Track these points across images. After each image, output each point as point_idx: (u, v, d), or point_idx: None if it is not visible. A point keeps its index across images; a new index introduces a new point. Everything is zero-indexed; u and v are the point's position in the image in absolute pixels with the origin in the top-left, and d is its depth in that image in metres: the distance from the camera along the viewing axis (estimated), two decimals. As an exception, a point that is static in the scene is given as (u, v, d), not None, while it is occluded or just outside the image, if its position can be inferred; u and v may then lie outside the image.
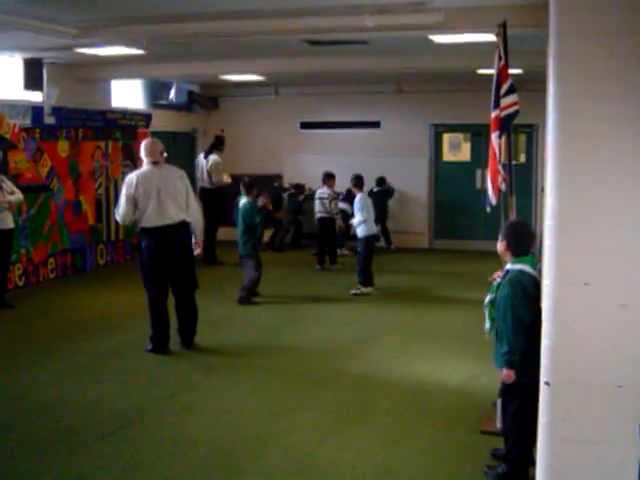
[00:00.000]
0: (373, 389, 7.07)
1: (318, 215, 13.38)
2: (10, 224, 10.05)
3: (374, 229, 11.61)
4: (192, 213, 8.16)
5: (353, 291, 11.16)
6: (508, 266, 5.03)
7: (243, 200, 10.65)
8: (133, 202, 7.90)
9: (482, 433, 5.84)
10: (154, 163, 8.04)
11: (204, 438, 5.89)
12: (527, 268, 4.95)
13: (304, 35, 8.97)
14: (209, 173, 13.82)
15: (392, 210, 15.23)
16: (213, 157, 13.89)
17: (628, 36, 3.69)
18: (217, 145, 14.11)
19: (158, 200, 7.88)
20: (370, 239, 11.39)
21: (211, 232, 13.39)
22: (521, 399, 5.02)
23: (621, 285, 3.80)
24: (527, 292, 4.86)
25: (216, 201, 13.88)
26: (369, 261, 11.33)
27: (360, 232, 11.29)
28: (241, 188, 10.78)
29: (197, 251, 8.31)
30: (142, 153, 8.15)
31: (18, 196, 10.08)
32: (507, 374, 4.92)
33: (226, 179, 13.94)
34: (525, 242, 5.06)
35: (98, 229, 13.17)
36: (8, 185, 9.99)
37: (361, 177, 11.59)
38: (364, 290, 11.16)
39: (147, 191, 7.88)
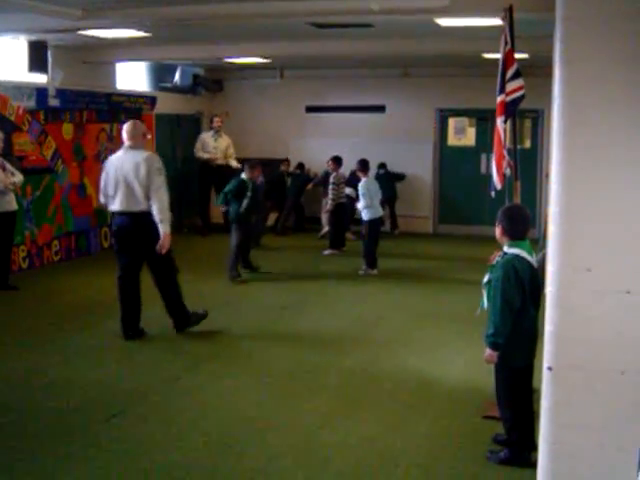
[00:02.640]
0: (376, 373, 7.08)
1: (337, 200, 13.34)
2: (14, 206, 10.08)
3: (379, 212, 11.68)
4: (154, 204, 7.71)
5: (361, 272, 11.40)
6: (505, 249, 5.04)
7: (241, 176, 11.21)
8: (104, 185, 8.02)
9: (485, 418, 5.85)
10: (130, 147, 7.93)
11: (207, 421, 5.92)
12: (523, 253, 4.96)
13: (310, 18, 8.93)
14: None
15: (398, 194, 15.17)
16: (202, 134, 15.42)
17: (636, 19, 3.67)
18: (210, 122, 15.38)
19: (120, 186, 7.80)
20: (374, 222, 11.47)
21: (203, 204, 15.19)
22: (510, 382, 5.10)
23: (624, 271, 3.79)
24: (519, 277, 4.87)
25: (207, 176, 15.03)
26: (373, 244, 11.38)
27: (365, 215, 11.37)
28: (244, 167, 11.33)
29: (163, 249, 7.73)
30: (123, 135, 8.09)
31: (19, 177, 10.08)
32: (490, 355, 4.96)
33: (201, 155, 15.03)
34: (521, 227, 5.05)
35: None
36: (9, 167, 9.99)
37: (366, 161, 11.76)
38: (370, 272, 11.35)
39: (112, 176, 7.88)
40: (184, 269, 8.51)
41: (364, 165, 11.70)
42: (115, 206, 7.92)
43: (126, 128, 8.08)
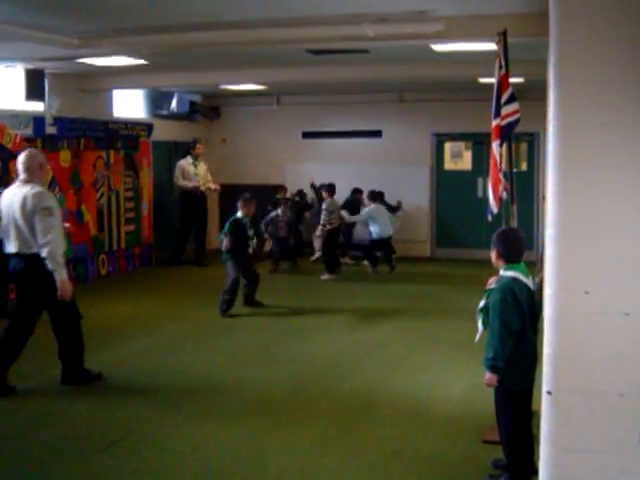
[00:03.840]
0: (375, 398, 7.04)
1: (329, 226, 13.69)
2: None
3: (385, 234, 13.91)
4: (42, 249, 6.87)
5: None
6: (501, 272, 5.04)
7: (236, 215, 10.72)
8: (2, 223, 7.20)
9: (485, 442, 5.82)
10: (24, 181, 7.05)
11: (205, 448, 5.88)
12: (519, 275, 4.97)
13: (306, 44, 8.99)
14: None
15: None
16: (180, 161, 14.70)
17: (630, 44, 3.69)
18: (188, 149, 14.81)
19: (11, 225, 7.02)
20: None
21: (183, 234, 14.79)
22: (510, 405, 5.08)
23: (622, 293, 3.79)
24: (517, 299, 4.87)
25: (192, 204, 14.55)
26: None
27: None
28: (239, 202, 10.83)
29: (64, 297, 7.07)
30: (17, 167, 7.20)
31: None
32: (490, 378, 4.94)
33: (185, 184, 14.51)
34: (516, 249, 5.05)
35: (100, 239, 13.18)
36: None
37: (375, 192, 14.09)
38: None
39: (5, 213, 7.10)
40: (184, 297, 8.49)
41: (373, 194, 13.94)
42: (10, 247, 7.08)
43: (20, 159, 7.15)
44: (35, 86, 11.19)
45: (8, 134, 10.91)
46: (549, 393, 3.96)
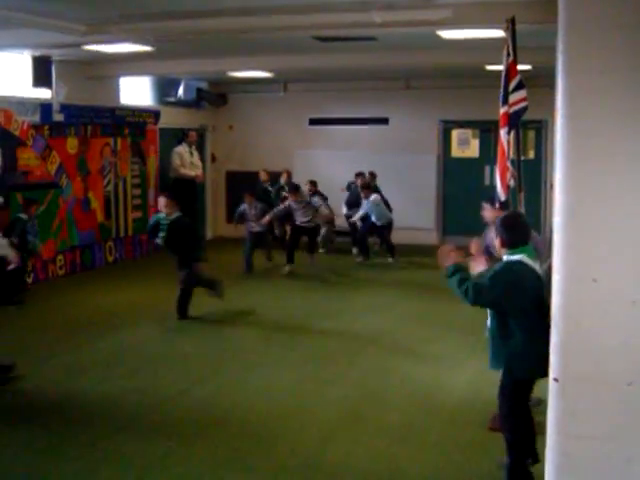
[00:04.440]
0: (382, 385, 7.07)
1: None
2: None
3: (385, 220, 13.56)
4: None
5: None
6: (504, 258, 4.97)
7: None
8: None
9: (490, 430, 5.83)
10: None
11: (214, 433, 5.92)
12: (524, 258, 4.90)
13: (313, 31, 8.97)
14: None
15: (402, 206, 14.95)
16: (176, 148, 14.53)
17: (637, 30, 3.67)
18: (183, 137, 14.73)
19: None
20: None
21: None
22: (512, 392, 5.01)
23: (631, 281, 3.78)
24: (519, 282, 4.82)
25: (188, 192, 14.17)
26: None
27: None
28: None
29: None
30: None
31: None
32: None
33: (187, 172, 14.37)
34: (519, 235, 4.97)
35: (107, 226, 13.20)
36: None
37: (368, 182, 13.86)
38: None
39: None
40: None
41: (369, 185, 13.66)
42: None
43: None
44: (42, 73, 11.18)
45: (15, 121, 10.93)
46: (556, 380, 3.96)
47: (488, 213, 6.88)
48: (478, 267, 5.16)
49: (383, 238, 13.87)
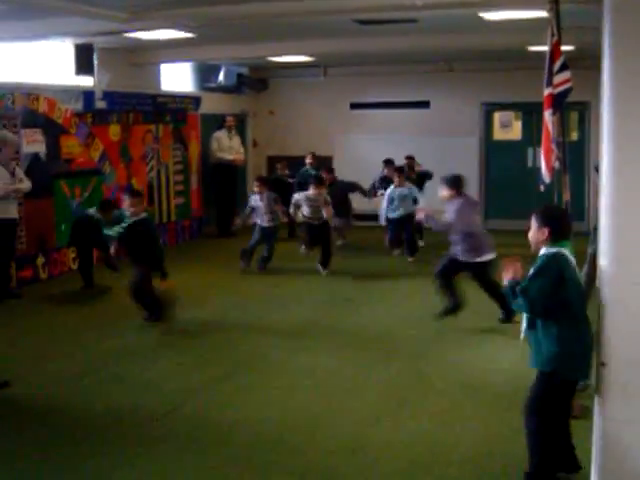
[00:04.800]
0: (424, 370, 7.04)
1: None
2: (14, 214, 9.66)
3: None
4: None
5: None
6: (543, 251, 4.65)
7: None
8: None
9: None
10: None
11: (257, 418, 5.94)
12: (564, 251, 4.54)
13: (353, 14, 8.93)
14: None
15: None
16: (215, 133, 14.68)
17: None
18: (222, 122, 14.84)
19: None
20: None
21: (225, 206, 14.64)
22: (552, 394, 4.59)
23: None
24: (564, 276, 4.44)
25: (227, 176, 14.59)
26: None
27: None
28: None
29: None
30: None
31: (27, 184, 9.66)
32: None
33: (224, 155, 14.51)
34: (567, 227, 4.69)
35: (150, 212, 13.27)
36: (18, 172, 9.65)
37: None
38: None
39: None
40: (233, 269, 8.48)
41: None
42: None
43: None
44: (84, 61, 11.26)
45: (58, 109, 11.03)
46: (603, 364, 3.93)
47: (444, 192, 8.12)
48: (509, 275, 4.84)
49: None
